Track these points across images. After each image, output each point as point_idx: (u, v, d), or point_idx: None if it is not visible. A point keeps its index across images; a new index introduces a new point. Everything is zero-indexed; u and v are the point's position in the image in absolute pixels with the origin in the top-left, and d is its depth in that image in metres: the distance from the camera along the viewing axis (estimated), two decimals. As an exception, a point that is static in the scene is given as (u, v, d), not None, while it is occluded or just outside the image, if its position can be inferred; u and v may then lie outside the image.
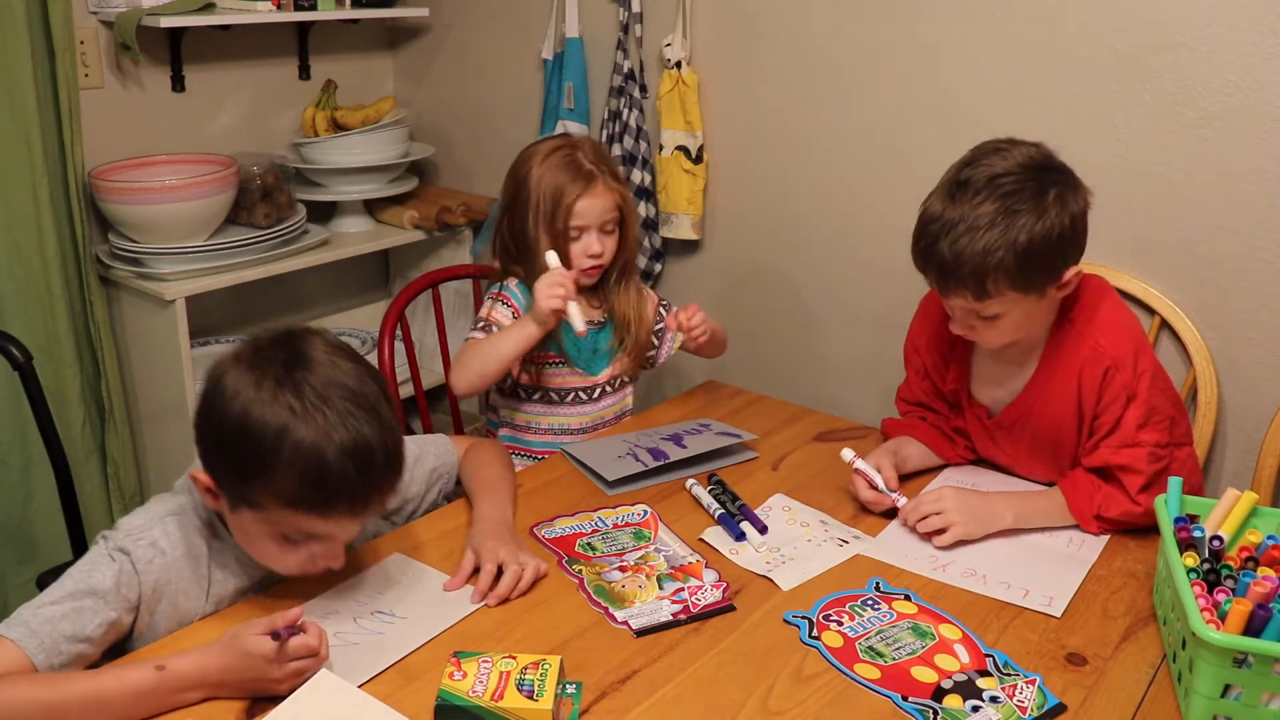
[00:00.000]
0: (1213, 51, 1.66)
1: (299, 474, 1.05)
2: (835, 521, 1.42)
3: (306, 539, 1.13)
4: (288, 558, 1.14)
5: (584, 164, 1.65)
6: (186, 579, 1.16)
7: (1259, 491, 1.62)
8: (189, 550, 1.16)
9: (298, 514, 1.08)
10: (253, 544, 1.15)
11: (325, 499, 1.07)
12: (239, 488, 1.09)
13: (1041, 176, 1.33)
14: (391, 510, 1.39)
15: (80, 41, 2.21)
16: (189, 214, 2.21)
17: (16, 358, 1.60)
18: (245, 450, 1.06)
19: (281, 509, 1.08)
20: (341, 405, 1.07)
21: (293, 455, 1.04)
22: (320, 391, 1.07)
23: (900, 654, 1.14)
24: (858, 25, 2.02)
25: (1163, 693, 1.10)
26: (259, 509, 1.09)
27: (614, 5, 2.34)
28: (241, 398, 1.06)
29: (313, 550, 1.14)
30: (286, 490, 1.06)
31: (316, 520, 1.09)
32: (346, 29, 2.76)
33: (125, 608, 1.11)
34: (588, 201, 1.64)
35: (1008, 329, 1.38)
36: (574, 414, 1.76)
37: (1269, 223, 1.66)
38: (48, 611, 1.06)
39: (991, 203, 1.30)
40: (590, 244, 1.67)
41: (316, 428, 1.05)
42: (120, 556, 1.12)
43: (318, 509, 1.08)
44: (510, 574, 1.22)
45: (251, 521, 1.11)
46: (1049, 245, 1.30)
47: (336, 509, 1.08)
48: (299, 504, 1.07)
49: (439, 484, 1.45)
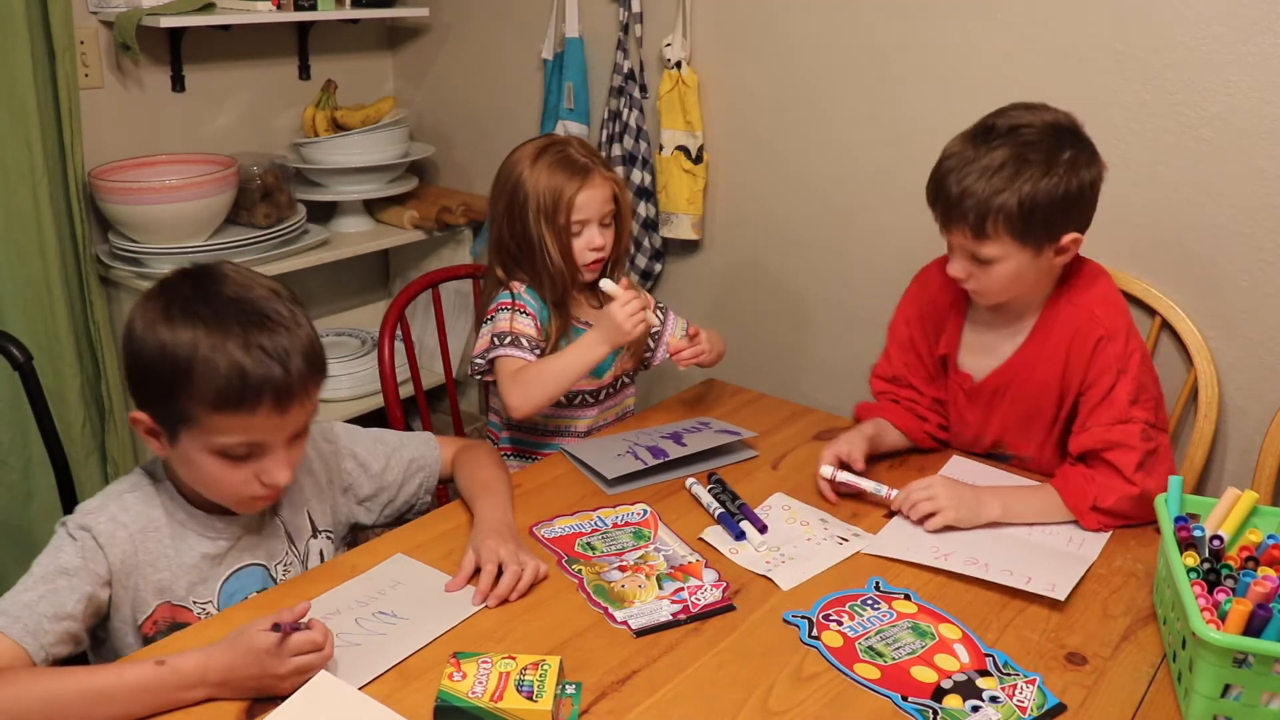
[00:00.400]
0: (1213, 51, 1.66)
1: (218, 372, 1.08)
2: (835, 520, 1.42)
3: (246, 452, 1.13)
4: (233, 478, 1.15)
5: (577, 159, 1.66)
6: (153, 551, 1.18)
7: (1259, 491, 1.62)
8: (149, 523, 1.18)
9: (225, 416, 1.10)
10: (199, 475, 1.16)
11: (247, 393, 1.09)
12: (169, 408, 1.12)
13: (1061, 138, 1.38)
14: (367, 496, 1.40)
15: (80, 41, 2.21)
16: (189, 214, 2.21)
17: (16, 358, 1.60)
18: (166, 367, 1.09)
19: (210, 415, 1.10)
20: (251, 309, 1.12)
21: (209, 356, 1.08)
22: (230, 299, 1.12)
23: (900, 654, 1.14)
24: (857, 26, 2.02)
25: (1163, 692, 1.10)
26: (192, 425, 1.11)
27: (614, 5, 2.34)
28: (156, 326, 1.11)
29: (256, 467, 1.15)
30: (209, 392, 1.08)
31: (245, 418, 1.10)
32: (346, 29, 2.76)
33: (98, 582, 1.13)
34: (587, 194, 1.64)
35: (1001, 279, 1.41)
36: (580, 416, 1.76)
37: (1269, 223, 1.66)
38: (24, 598, 1.08)
39: (1007, 149, 1.36)
40: (593, 237, 1.67)
41: (229, 330, 1.09)
42: (81, 534, 1.14)
43: (244, 405, 1.09)
44: (509, 574, 1.22)
45: (191, 447, 1.13)
46: (1052, 202, 1.35)
47: (261, 403, 1.10)
48: (223, 403, 1.09)
49: (419, 475, 1.45)
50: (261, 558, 1.26)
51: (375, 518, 1.42)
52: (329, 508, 1.35)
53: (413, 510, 1.46)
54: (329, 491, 1.36)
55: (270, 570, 1.27)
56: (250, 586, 1.25)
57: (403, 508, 1.44)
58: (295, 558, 1.29)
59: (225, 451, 1.13)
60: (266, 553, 1.26)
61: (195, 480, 1.18)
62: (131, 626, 1.18)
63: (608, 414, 1.79)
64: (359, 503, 1.40)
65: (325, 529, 1.34)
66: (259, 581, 1.26)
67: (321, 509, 1.34)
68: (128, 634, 1.18)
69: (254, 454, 1.14)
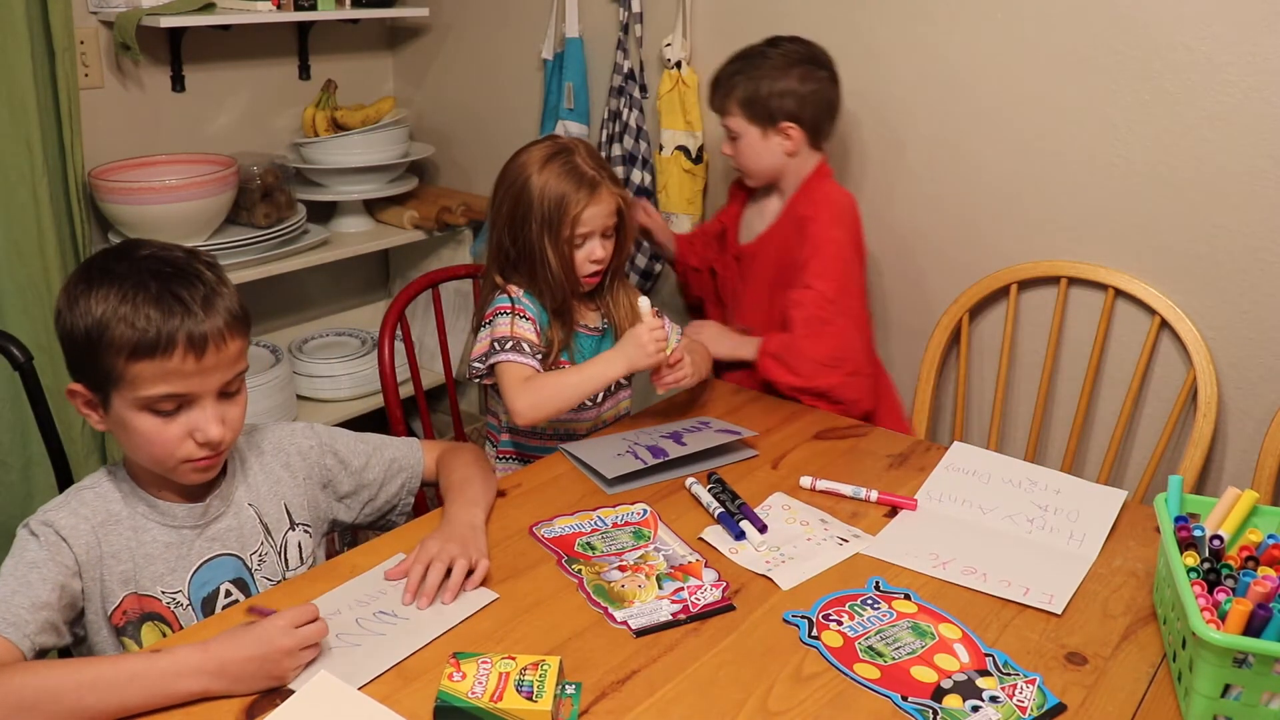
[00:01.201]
0: (1213, 51, 1.66)
1: (133, 322, 1.11)
2: (835, 520, 1.42)
3: (173, 406, 1.15)
4: (167, 435, 1.16)
5: (586, 170, 1.64)
6: (114, 542, 1.19)
7: (1259, 491, 1.62)
8: (109, 516, 1.20)
9: (143, 363, 1.12)
10: (136, 440, 1.17)
11: (160, 338, 1.12)
12: (96, 370, 1.14)
13: (802, 60, 1.85)
14: (347, 493, 1.41)
15: (80, 41, 2.21)
16: (189, 214, 2.21)
17: (17, 358, 1.60)
18: (87, 327, 1.13)
19: (129, 365, 1.12)
20: (167, 266, 1.16)
21: (124, 308, 1.12)
22: (145, 258, 1.17)
23: (900, 654, 1.14)
24: (855, 27, 2.02)
25: (1163, 692, 1.10)
26: (119, 383, 1.13)
27: (614, 5, 2.34)
28: (77, 296, 1.14)
29: (187, 423, 1.16)
30: (126, 341, 1.11)
31: (162, 364, 1.12)
32: (346, 29, 2.76)
33: (67, 572, 1.14)
34: (594, 210, 1.64)
35: (744, 154, 1.88)
36: (579, 419, 1.76)
37: (1269, 223, 1.66)
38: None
39: (756, 54, 1.86)
40: (594, 250, 1.67)
41: (144, 285, 1.13)
42: (43, 529, 1.16)
43: (158, 351, 1.12)
44: (433, 570, 1.21)
45: (121, 408, 1.15)
46: (772, 94, 1.82)
47: (174, 346, 1.12)
48: (139, 351, 1.11)
49: (401, 476, 1.45)
50: (234, 548, 1.26)
51: (355, 516, 1.43)
52: (307, 502, 1.35)
53: (395, 511, 1.46)
54: (307, 485, 1.36)
55: (245, 561, 1.27)
56: (223, 576, 1.25)
57: (384, 507, 1.45)
58: (271, 549, 1.29)
59: (151, 406, 1.14)
60: (239, 543, 1.27)
61: (135, 449, 1.19)
62: (103, 618, 1.18)
63: (605, 415, 1.79)
64: (339, 499, 1.41)
65: (303, 523, 1.34)
66: (232, 572, 1.26)
67: (299, 503, 1.34)
68: (101, 627, 1.18)
69: (182, 407, 1.16)
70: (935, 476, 1.52)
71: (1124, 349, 1.86)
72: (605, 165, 1.70)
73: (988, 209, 1.95)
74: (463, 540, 1.27)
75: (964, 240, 1.99)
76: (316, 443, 1.39)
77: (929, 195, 2.01)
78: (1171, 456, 1.83)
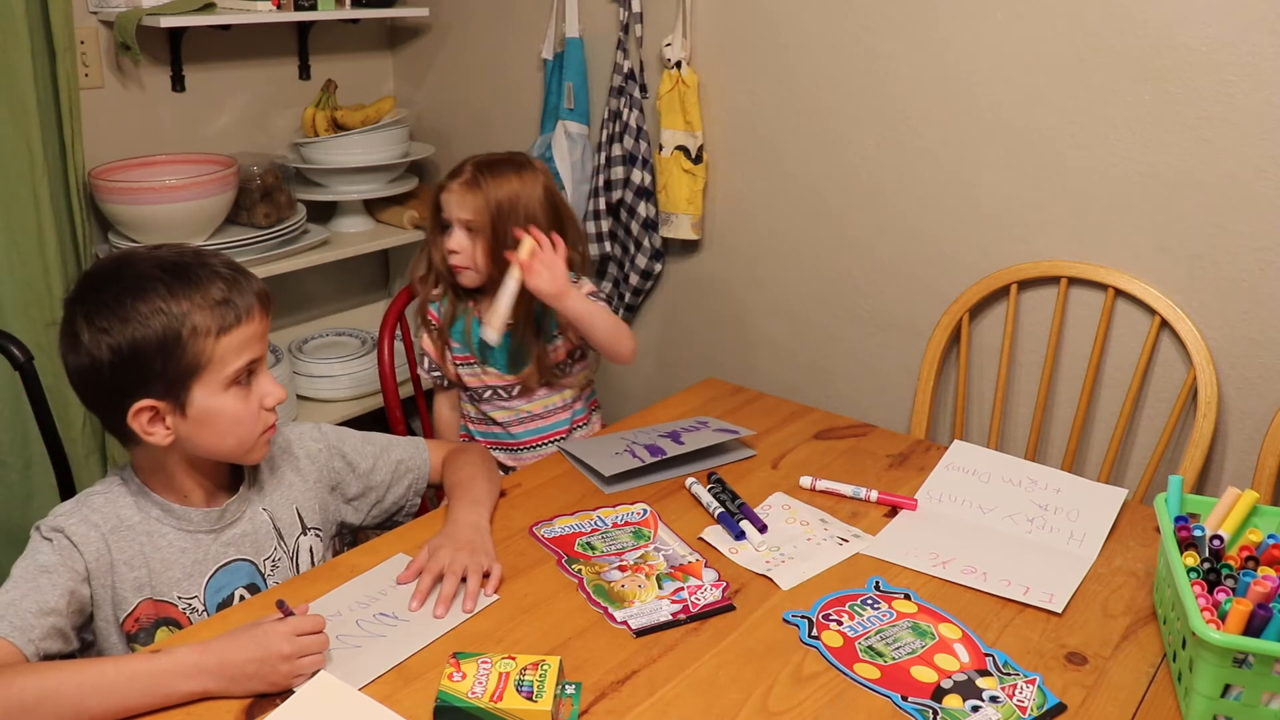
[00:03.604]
0: (1213, 51, 1.66)
1: (209, 301, 1.15)
2: (835, 520, 1.42)
3: (249, 374, 1.20)
4: (250, 408, 1.20)
5: (462, 166, 1.77)
6: (126, 549, 1.18)
7: (1259, 491, 1.62)
8: (120, 522, 1.19)
9: (234, 333, 1.16)
10: (219, 427, 1.18)
11: (238, 303, 1.17)
12: (176, 370, 1.14)
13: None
14: (355, 495, 1.41)
15: (80, 41, 2.21)
16: (189, 214, 2.21)
17: (17, 357, 1.60)
18: (163, 333, 1.13)
19: (217, 342, 1.15)
20: (190, 256, 1.19)
21: (184, 300, 1.14)
22: (165, 256, 1.18)
23: (900, 653, 1.14)
24: (857, 26, 2.02)
25: (1163, 692, 1.10)
26: (205, 369, 1.15)
27: (614, 5, 2.34)
28: (120, 314, 1.13)
29: (259, 390, 1.21)
30: (210, 322, 1.15)
31: (244, 331, 1.17)
32: (346, 29, 2.76)
33: (77, 578, 1.14)
34: (447, 196, 1.74)
35: None
36: (504, 408, 1.83)
37: (1269, 223, 1.66)
38: (6, 597, 1.08)
39: None
40: (454, 239, 1.74)
41: (189, 273, 1.16)
42: (54, 534, 1.15)
43: (243, 316, 1.17)
44: (447, 582, 1.22)
45: (205, 398, 1.16)
46: None
47: (252, 307, 1.19)
48: (226, 323, 1.16)
49: (408, 477, 1.45)
50: (248, 553, 1.26)
51: (363, 518, 1.43)
52: (317, 505, 1.35)
53: (402, 512, 1.46)
54: (317, 489, 1.36)
55: (259, 566, 1.27)
56: (238, 582, 1.25)
57: (391, 509, 1.45)
58: (284, 554, 1.29)
59: (238, 379, 1.18)
60: (253, 548, 1.27)
61: (223, 436, 1.19)
62: (114, 625, 1.18)
63: (533, 407, 1.82)
64: (346, 501, 1.41)
65: (314, 527, 1.34)
66: (247, 577, 1.26)
67: (310, 506, 1.34)
68: (111, 633, 1.18)
69: (254, 373, 1.21)
70: (935, 476, 1.52)
71: (1124, 349, 1.86)
72: (492, 166, 1.75)
73: (988, 209, 1.95)
74: (470, 544, 1.27)
75: (964, 240, 1.99)
76: (324, 445, 1.39)
77: (929, 195, 2.01)
78: (1171, 456, 1.83)
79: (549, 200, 1.75)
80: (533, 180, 1.74)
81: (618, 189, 2.36)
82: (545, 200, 1.74)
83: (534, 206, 1.73)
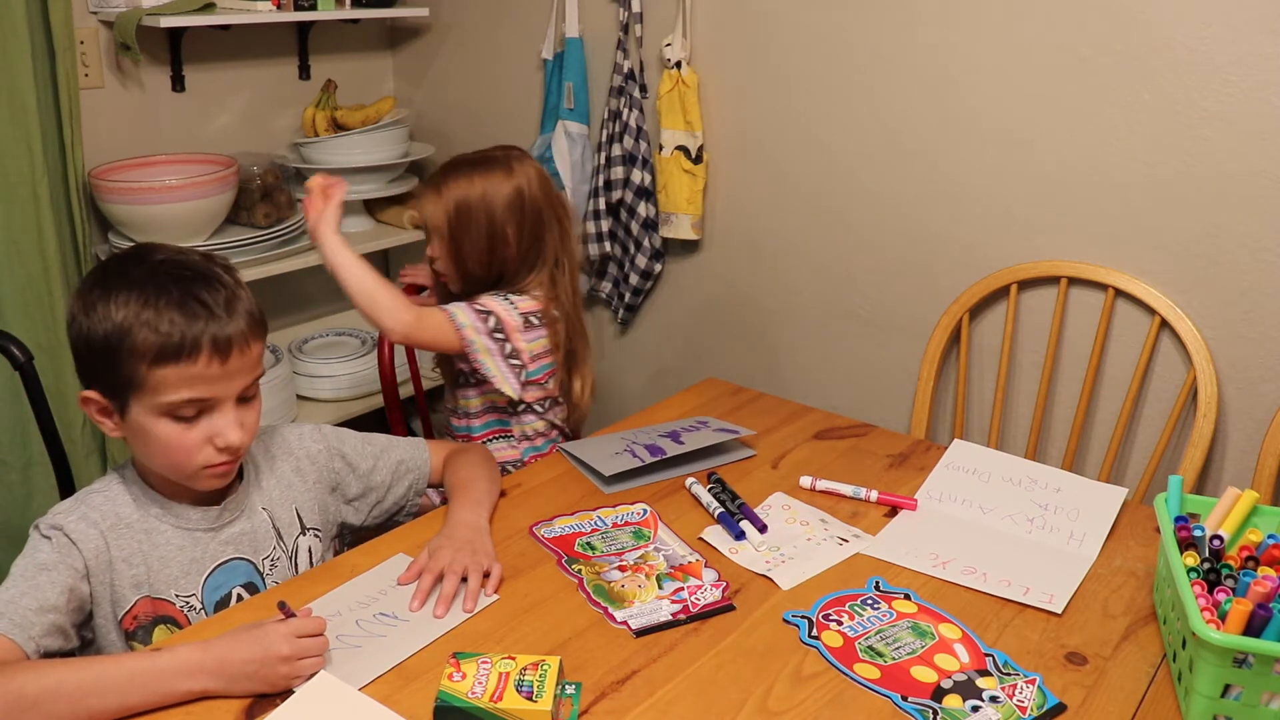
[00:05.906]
0: (1213, 51, 1.66)
1: (156, 327, 1.11)
2: (835, 520, 1.42)
3: (195, 411, 1.15)
4: (187, 441, 1.15)
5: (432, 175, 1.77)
6: (125, 547, 1.18)
7: (1259, 491, 1.62)
8: (119, 520, 1.19)
9: (168, 368, 1.11)
10: (154, 447, 1.16)
11: (185, 342, 1.11)
12: (115, 377, 1.13)
13: None
14: (356, 495, 1.41)
15: (80, 41, 2.21)
16: (189, 214, 2.21)
17: (17, 357, 1.60)
18: (107, 333, 1.12)
19: (153, 371, 1.11)
20: (185, 270, 1.15)
21: (147, 313, 1.11)
22: (162, 262, 1.16)
23: (900, 654, 1.14)
24: (858, 26, 2.02)
25: (1163, 692, 1.10)
26: (139, 389, 1.12)
27: (614, 5, 2.34)
28: (94, 301, 1.13)
29: (208, 428, 1.16)
30: (150, 346, 1.11)
31: (187, 369, 1.12)
32: (346, 29, 2.76)
33: (77, 576, 1.14)
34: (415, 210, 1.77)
35: None
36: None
37: (1269, 223, 1.66)
38: (6, 595, 1.08)
39: None
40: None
41: (164, 289, 1.12)
42: (53, 532, 1.15)
43: (183, 355, 1.11)
44: (448, 582, 1.21)
45: (140, 414, 1.14)
46: None
47: (199, 351, 1.12)
48: (164, 356, 1.11)
49: (408, 478, 1.45)
50: (247, 552, 1.26)
51: (364, 518, 1.43)
52: (317, 506, 1.35)
53: (402, 512, 1.46)
54: (317, 490, 1.36)
55: (257, 565, 1.27)
56: (235, 581, 1.25)
57: (392, 509, 1.45)
58: (283, 553, 1.29)
59: (174, 412, 1.14)
60: (252, 547, 1.26)
61: (152, 455, 1.18)
62: (113, 623, 1.18)
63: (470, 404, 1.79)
64: (347, 502, 1.41)
65: (314, 527, 1.34)
66: (245, 576, 1.26)
67: (310, 507, 1.34)
68: (110, 631, 1.18)
69: (203, 412, 1.15)
70: (935, 475, 1.52)
71: (1124, 349, 1.86)
72: (456, 166, 1.75)
73: (988, 209, 1.95)
74: (470, 545, 1.27)
75: (964, 240, 1.99)
76: (325, 446, 1.38)
77: (929, 194, 2.01)
78: (1171, 456, 1.83)
79: (519, 198, 1.68)
80: (501, 178, 1.68)
81: (618, 189, 2.36)
82: (513, 197, 1.68)
83: (495, 205, 1.67)
